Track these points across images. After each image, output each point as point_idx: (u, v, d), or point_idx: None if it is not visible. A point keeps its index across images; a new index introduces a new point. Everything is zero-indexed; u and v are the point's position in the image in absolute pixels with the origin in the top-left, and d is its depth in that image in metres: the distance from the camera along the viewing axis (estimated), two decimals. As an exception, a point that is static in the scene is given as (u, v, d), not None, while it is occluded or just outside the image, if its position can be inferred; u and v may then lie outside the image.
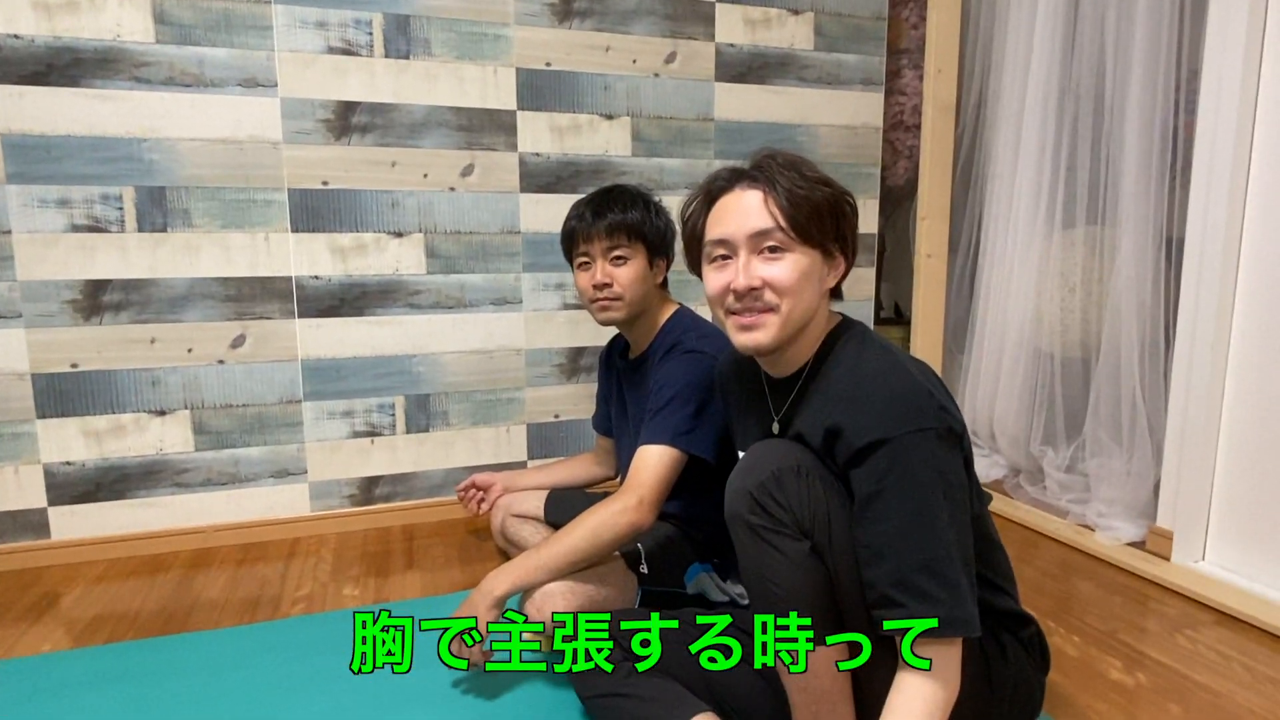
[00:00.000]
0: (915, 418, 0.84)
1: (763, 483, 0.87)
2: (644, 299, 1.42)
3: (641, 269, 1.40)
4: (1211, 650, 1.36)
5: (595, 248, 1.39)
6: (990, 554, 0.96)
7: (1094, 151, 1.94)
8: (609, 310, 1.41)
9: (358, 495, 1.99)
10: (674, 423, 1.29)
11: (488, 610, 1.17)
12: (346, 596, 1.60)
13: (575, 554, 1.22)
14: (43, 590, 1.65)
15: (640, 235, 1.39)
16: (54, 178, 1.68)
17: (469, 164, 1.96)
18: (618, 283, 1.38)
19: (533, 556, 1.22)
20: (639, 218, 1.39)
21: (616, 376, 1.60)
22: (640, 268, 1.40)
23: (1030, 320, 2.07)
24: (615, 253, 1.38)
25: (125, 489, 1.82)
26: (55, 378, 1.74)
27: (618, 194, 1.41)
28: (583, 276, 1.42)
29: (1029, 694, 0.96)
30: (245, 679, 1.27)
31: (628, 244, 1.38)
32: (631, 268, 1.39)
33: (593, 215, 1.39)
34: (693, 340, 1.37)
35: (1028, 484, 2.11)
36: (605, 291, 1.39)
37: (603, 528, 1.22)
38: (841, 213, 0.94)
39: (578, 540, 1.22)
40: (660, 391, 1.33)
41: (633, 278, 1.39)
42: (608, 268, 1.39)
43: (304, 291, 1.88)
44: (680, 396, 1.31)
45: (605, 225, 1.37)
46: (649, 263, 1.41)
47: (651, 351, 1.44)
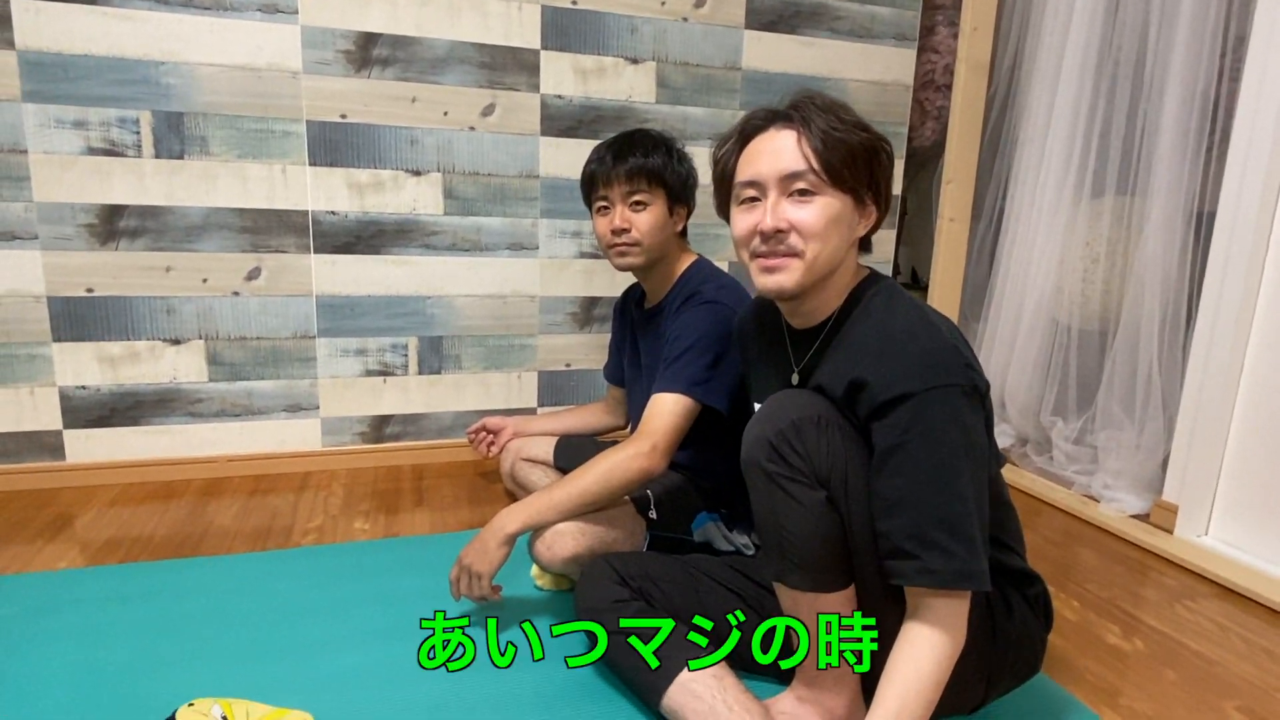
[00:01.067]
0: (943, 374, 0.84)
1: (782, 430, 0.87)
2: (662, 246, 1.40)
3: (661, 215, 1.38)
4: (1210, 621, 1.37)
5: (615, 192, 1.37)
6: (1001, 514, 0.96)
7: (1130, 119, 1.89)
8: (626, 256, 1.39)
9: (368, 433, 2.01)
10: (690, 372, 1.29)
11: (498, 547, 1.18)
12: (357, 530, 1.62)
13: (587, 496, 1.23)
14: (57, 511, 1.67)
15: (661, 181, 1.37)
16: (71, 98, 1.66)
17: (490, 103, 1.92)
18: (636, 228, 1.37)
19: (544, 496, 1.23)
20: (660, 163, 1.36)
21: (631, 325, 1.59)
22: (660, 214, 1.38)
23: (1050, 290, 2.05)
24: (635, 198, 1.36)
25: (139, 415, 1.84)
26: (71, 301, 1.74)
27: (640, 138, 1.38)
28: (601, 221, 1.41)
29: (1031, 650, 0.97)
30: (258, 603, 1.30)
31: (648, 189, 1.36)
32: (651, 213, 1.37)
33: (613, 159, 1.36)
34: (711, 290, 1.36)
35: (1034, 454, 2.12)
36: (623, 237, 1.38)
37: (615, 471, 1.23)
38: (877, 159, 0.92)
39: (590, 483, 1.22)
40: (677, 340, 1.32)
41: (652, 224, 1.37)
42: (627, 213, 1.37)
43: (320, 227, 1.87)
44: (697, 346, 1.30)
45: (625, 169, 1.35)
46: (669, 209, 1.39)
47: (668, 301, 1.43)
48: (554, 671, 1.13)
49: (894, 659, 0.82)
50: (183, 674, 1.10)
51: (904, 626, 0.84)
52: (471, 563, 1.18)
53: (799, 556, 0.88)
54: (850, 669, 0.94)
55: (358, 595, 1.33)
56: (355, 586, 1.36)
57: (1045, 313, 2.07)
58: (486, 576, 1.18)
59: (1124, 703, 1.12)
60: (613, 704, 1.06)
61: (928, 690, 0.80)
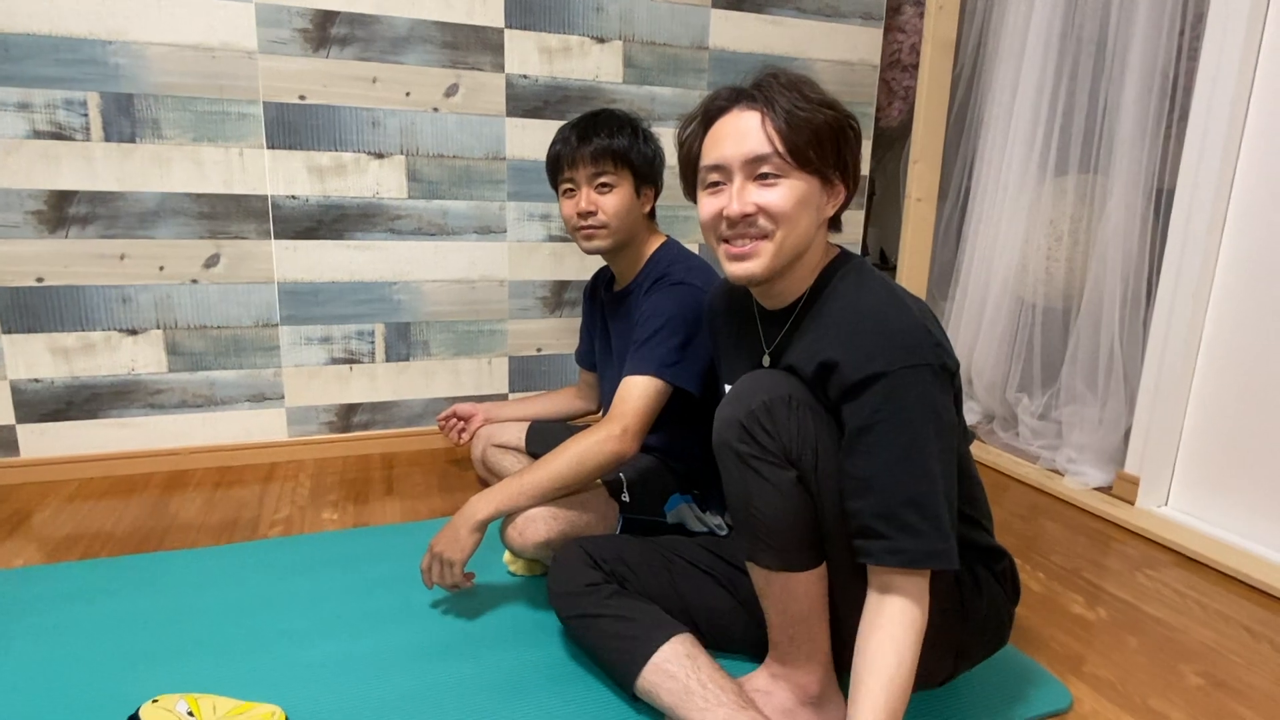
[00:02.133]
0: (912, 353, 0.84)
1: (752, 411, 0.87)
2: (630, 228, 1.39)
3: (628, 197, 1.36)
4: (1169, 588, 1.41)
5: (580, 174, 1.35)
6: (970, 490, 0.97)
7: (1092, 96, 1.92)
8: (594, 239, 1.38)
9: (336, 422, 1.97)
10: (660, 354, 1.28)
11: (469, 534, 1.17)
12: (326, 520, 1.59)
13: (558, 480, 1.22)
14: (13, 508, 1.62)
15: (627, 161, 1.35)
16: (13, 78, 1.59)
17: (453, 84, 1.88)
18: (603, 210, 1.35)
19: (515, 482, 1.22)
20: (626, 143, 1.35)
21: (601, 309, 1.58)
22: (626, 195, 1.36)
23: (1015, 268, 2.08)
24: (600, 179, 1.34)
25: (97, 408, 1.79)
26: (21, 292, 1.68)
27: (605, 118, 1.36)
28: (567, 204, 1.39)
29: (999, 623, 0.99)
30: (224, 597, 1.27)
31: (614, 170, 1.34)
32: (617, 195, 1.35)
33: (578, 140, 1.34)
34: (680, 272, 1.35)
35: (1001, 430, 2.15)
36: (590, 219, 1.36)
37: (587, 455, 1.22)
38: (844, 137, 0.91)
39: (561, 467, 1.22)
40: (647, 322, 1.32)
41: (618, 206, 1.35)
42: (593, 195, 1.35)
43: (280, 211, 1.82)
44: (667, 328, 1.30)
45: (591, 150, 1.33)
46: (635, 191, 1.37)
47: (638, 283, 1.42)
48: (526, 656, 1.13)
49: (869, 642, 0.82)
50: (147, 671, 1.08)
51: (871, 605, 0.84)
52: (443, 550, 1.17)
53: (770, 536, 0.88)
54: (821, 646, 0.95)
55: (327, 586, 1.31)
56: (324, 577, 1.34)
57: (1010, 291, 2.10)
58: (459, 564, 1.17)
59: (1088, 670, 1.15)
60: (587, 687, 1.06)
61: (908, 670, 0.80)
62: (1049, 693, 1.07)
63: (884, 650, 0.81)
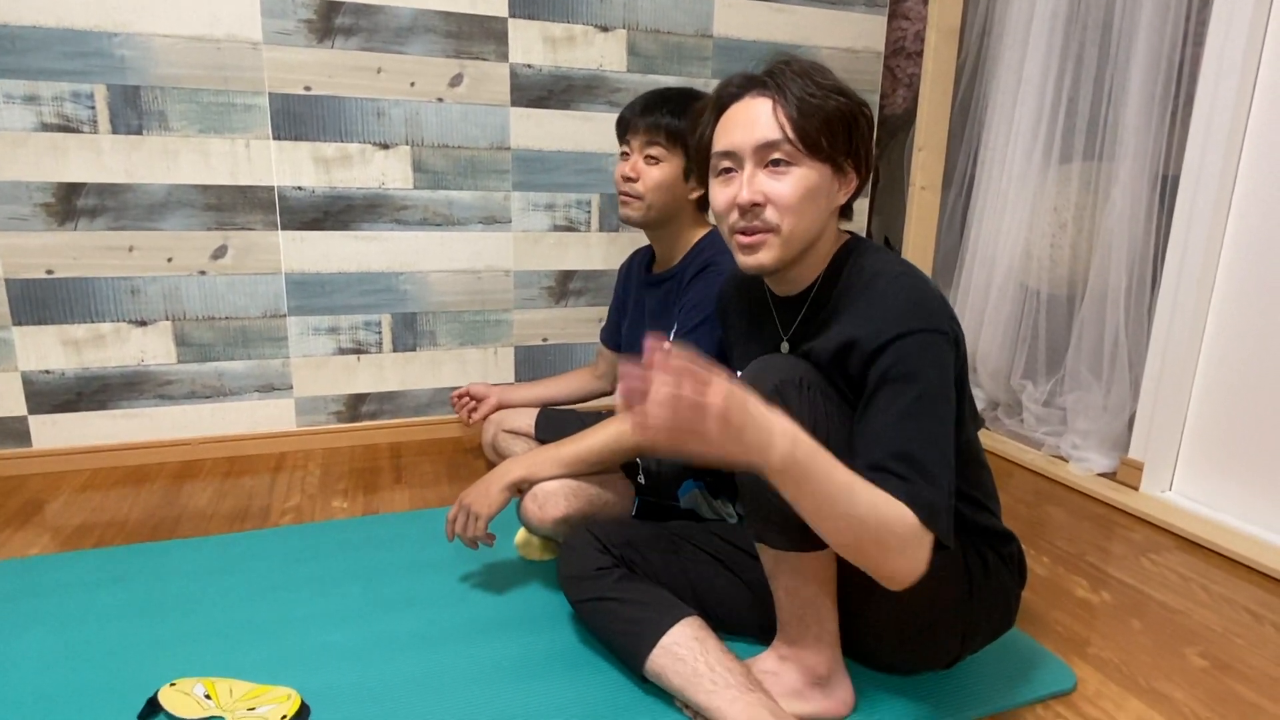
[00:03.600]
0: (928, 319, 0.85)
1: (765, 395, 0.87)
2: (665, 206, 1.39)
3: (672, 174, 1.37)
4: (1173, 572, 1.42)
5: (635, 141, 1.38)
6: (978, 474, 0.98)
7: (1097, 83, 1.91)
8: (627, 206, 1.40)
9: (344, 412, 1.99)
10: (705, 346, 1.29)
11: (500, 491, 1.20)
12: (335, 508, 1.61)
13: (592, 455, 1.24)
14: (26, 497, 1.64)
15: (680, 141, 1.36)
16: (20, 71, 1.60)
17: (458, 73, 1.89)
18: (643, 180, 1.37)
19: (550, 450, 1.24)
20: (685, 126, 1.35)
21: (635, 289, 1.58)
22: (671, 173, 1.37)
23: (1019, 256, 2.08)
24: (650, 150, 1.36)
25: (107, 399, 1.80)
26: (31, 284, 1.70)
27: (674, 96, 1.38)
28: (621, 165, 1.42)
29: (1006, 606, 1.00)
30: (238, 582, 1.29)
31: (665, 145, 1.36)
32: (662, 170, 1.37)
33: (642, 108, 1.37)
34: (727, 262, 1.35)
35: (1005, 416, 2.16)
36: (630, 186, 1.38)
37: (625, 437, 1.23)
38: (856, 125, 0.91)
39: (597, 443, 1.24)
40: (692, 311, 1.33)
41: (659, 181, 1.37)
42: (640, 164, 1.37)
43: (287, 203, 1.83)
44: (711, 320, 1.31)
45: (647, 122, 1.36)
46: (684, 174, 1.38)
47: (681, 269, 1.42)
48: (537, 640, 1.14)
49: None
50: (164, 655, 1.09)
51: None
52: (472, 503, 1.19)
53: (779, 516, 0.89)
54: (829, 628, 0.96)
55: (339, 572, 1.33)
56: (336, 563, 1.36)
57: (1015, 278, 2.10)
58: (484, 519, 1.19)
59: (1092, 652, 1.16)
60: (596, 670, 1.08)
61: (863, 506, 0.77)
62: (1054, 674, 1.09)
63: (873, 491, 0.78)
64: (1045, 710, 1.03)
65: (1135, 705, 1.05)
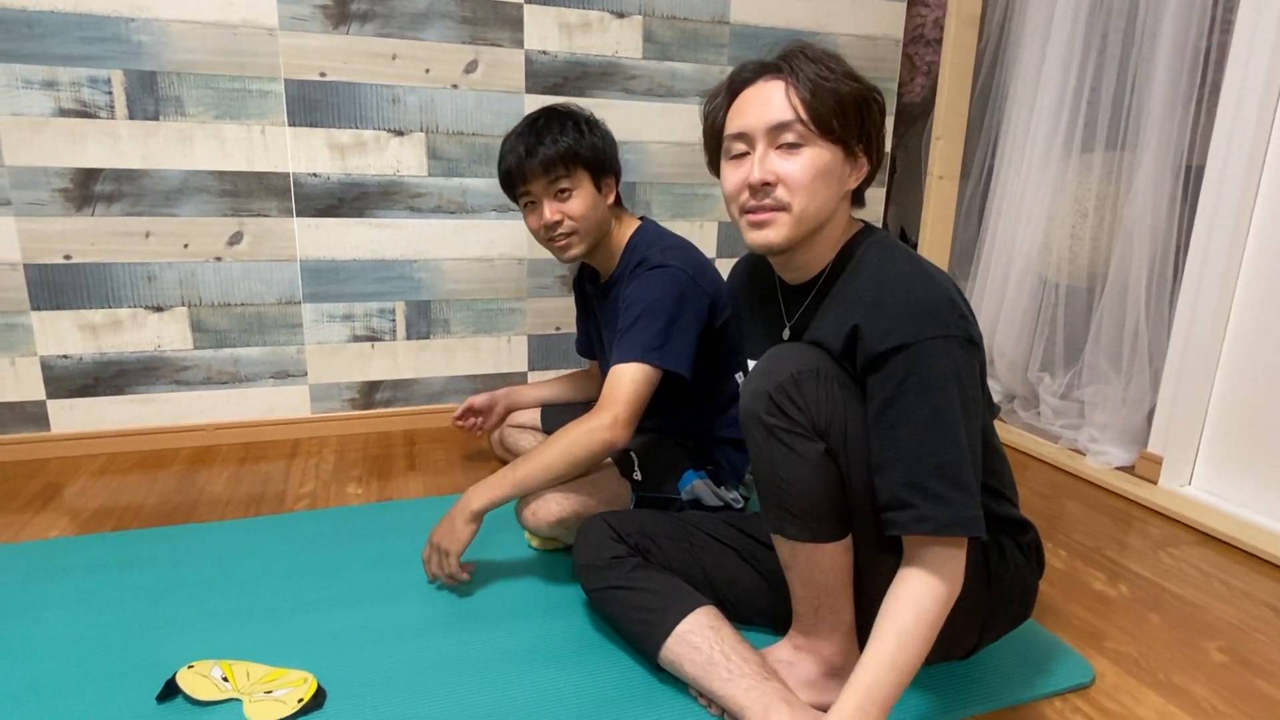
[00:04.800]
0: (937, 324, 0.84)
1: (781, 384, 0.87)
2: (599, 225, 1.36)
3: (590, 196, 1.33)
4: (1192, 567, 1.40)
5: (536, 185, 1.31)
6: (994, 463, 0.97)
7: (1120, 72, 1.88)
8: (569, 248, 1.35)
9: (358, 399, 1.99)
10: (643, 339, 1.26)
11: (464, 525, 1.18)
12: (350, 495, 1.62)
13: (550, 471, 1.20)
14: (45, 481, 1.66)
15: (579, 160, 1.31)
16: (38, 56, 1.60)
17: (473, 60, 1.88)
18: (569, 217, 1.32)
19: (509, 473, 1.21)
20: (572, 142, 1.30)
21: (591, 303, 1.56)
22: (588, 195, 1.33)
23: (1038, 247, 2.05)
24: (558, 186, 1.31)
25: (124, 384, 1.81)
26: (48, 269, 1.71)
27: (545, 122, 1.32)
28: (531, 218, 1.36)
29: (1024, 595, 0.99)
30: (253, 567, 1.30)
31: (568, 174, 1.30)
32: (579, 198, 1.32)
33: (525, 151, 1.30)
34: (658, 255, 1.32)
35: (1022, 409, 2.14)
36: (559, 230, 1.33)
37: (577, 445, 1.20)
38: (868, 109, 0.91)
39: (552, 457, 1.20)
40: (629, 309, 1.29)
41: (583, 208, 1.32)
42: (555, 205, 1.32)
43: (302, 189, 1.83)
44: (648, 313, 1.27)
45: (540, 161, 1.28)
46: (596, 186, 1.34)
47: (620, 273, 1.39)
48: (551, 627, 1.15)
49: (890, 602, 0.83)
50: (181, 637, 1.10)
51: (900, 573, 0.85)
52: (440, 540, 1.19)
53: (797, 507, 0.88)
54: (845, 618, 0.96)
55: (353, 557, 1.33)
56: (351, 549, 1.36)
57: (1033, 270, 2.08)
58: (454, 555, 1.18)
59: (1110, 645, 1.15)
60: (611, 658, 1.08)
61: (925, 630, 0.81)
62: (1071, 667, 1.08)
63: (903, 608, 0.81)
64: (1063, 704, 1.02)
65: (1154, 699, 1.04)
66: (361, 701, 0.98)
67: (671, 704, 0.98)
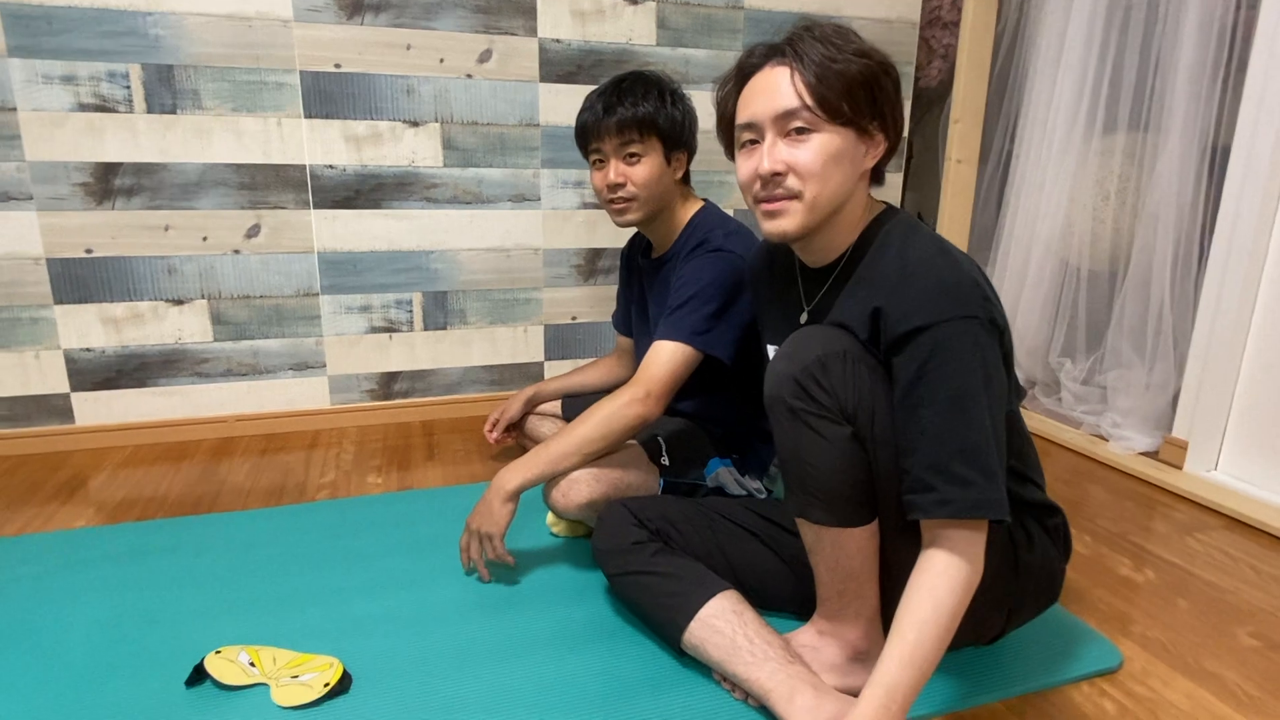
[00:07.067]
0: (960, 305, 0.82)
1: (807, 367, 0.86)
2: (661, 197, 1.36)
3: (657, 166, 1.33)
4: (1220, 552, 1.39)
5: (608, 144, 1.31)
6: (1021, 447, 0.96)
7: (1144, 50, 1.85)
8: (625, 213, 1.35)
9: (377, 390, 2.00)
10: (692, 321, 1.27)
11: (502, 505, 1.18)
12: (371, 484, 1.63)
13: (585, 446, 1.21)
14: (70, 473, 1.68)
15: (655, 128, 1.31)
16: (57, 52, 1.61)
17: (487, 49, 1.87)
18: (632, 182, 1.32)
19: (543, 451, 1.22)
20: (652, 109, 1.30)
21: (639, 276, 1.57)
22: (656, 164, 1.33)
23: (1059, 231, 2.03)
24: (628, 150, 1.31)
25: (146, 377, 1.83)
26: (70, 263, 1.72)
27: (630, 84, 1.32)
28: (597, 175, 1.36)
29: (1051, 580, 0.98)
30: (278, 554, 1.31)
31: (641, 139, 1.30)
32: (646, 165, 1.32)
33: (603, 109, 1.30)
34: (719, 238, 1.33)
35: (1043, 395, 2.12)
36: (620, 192, 1.33)
37: (611, 419, 1.21)
38: (879, 86, 0.88)
39: (587, 432, 1.21)
40: (681, 289, 1.30)
41: (648, 176, 1.32)
42: (621, 167, 1.32)
43: (319, 181, 1.83)
44: (701, 295, 1.28)
45: (616, 121, 1.29)
46: (666, 158, 1.34)
47: (675, 250, 1.40)
48: (573, 613, 1.15)
49: (911, 589, 0.82)
50: (208, 623, 1.11)
51: (921, 557, 0.84)
52: (480, 525, 1.19)
53: (823, 492, 0.88)
54: (870, 603, 0.95)
55: (376, 545, 1.34)
56: (373, 537, 1.37)
57: (1054, 254, 2.05)
58: (497, 537, 1.18)
59: (1137, 630, 1.14)
60: (634, 642, 1.08)
61: (945, 620, 0.80)
62: (1098, 651, 1.07)
63: (921, 599, 0.80)
64: (1090, 688, 1.01)
65: (1184, 684, 1.02)
66: (387, 686, 0.99)
67: (695, 687, 0.98)
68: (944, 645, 0.80)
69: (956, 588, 0.81)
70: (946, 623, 0.80)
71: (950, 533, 0.82)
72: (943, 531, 0.82)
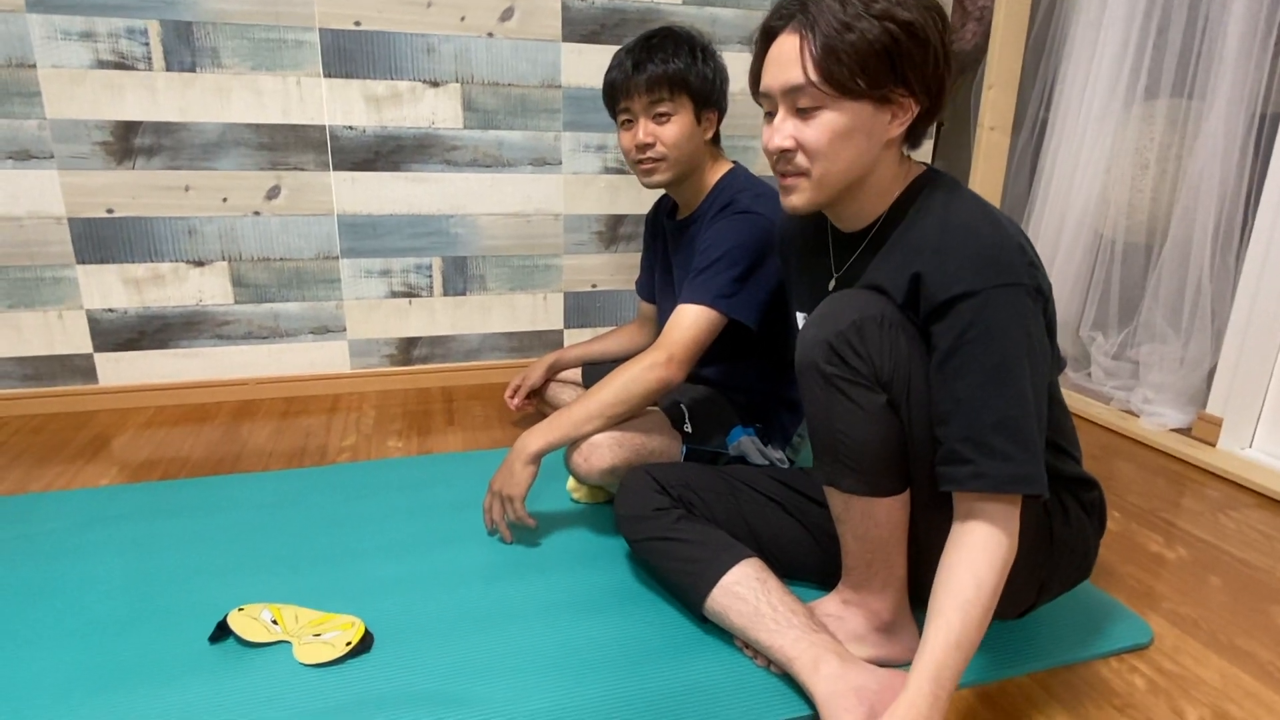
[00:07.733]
0: (1005, 272, 0.79)
1: (842, 331, 0.83)
2: (691, 158, 1.33)
3: (687, 125, 1.30)
4: (1254, 530, 1.36)
5: (637, 103, 1.28)
6: (1059, 419, 0.93)
7: (1191, 11, 1.77)
8: (654, 173, 1.32)
9: (396, 355, 2.00)
10: (717, 284, 1.24)
11: (524, 467, 1.17)
12: (391, 448, 1.62)
13: (607, 409, 1.20)
14: (94, 432, 1.69)
15: (685, 87, 1.27)
16: (75, 7, 1.59)
17: (509, 7, 1.83)
18: (661, 142, 1.29)
19: (565, 414, 1.21)
20: (683, 66, 1.26)
21: (663, 238, 1.54)
22: (686, 124, 1.29)
23: (1095, 201, 1.97)
24: (658, 109, 1.27)
25: (168, 338, 1.83)
26: (92, 223, 1.72)
27: (659, 41, 1.28)
28: (625, 135, 1.33)
29: (1085, 554, 0.95)
30: (299, 515, 1.31)
31: (671, 98, 1.27)
32: (676, 124, 1.28)
33: (633, 66, 1.27)
34: (747, 200, 1.30)
35: (1071, 370, 2.07)
36: (648, 152, 1.30)
37: (633, 383, 1.20)
38: (899, 50, 0.81)
39: (609, 395, 1.20)
40: (707, 251, 1.27)
41: (678, 136, 1.29)
42: (650, 126, 1.28)
43: (338, 142, 1.81)
44: (727, 258, 1.25)
45: (646, 79, 1.25)
46: (696, 117, 1.30)
47: (701, 212, 1.37)
48: (595, 578, 1.14)
49: (950, 566, 0.80)
50: (230, 581, 1.12)
51: (955, 532, 0.81)
52: (501, 487, 1.18)
53: (854, 460, 0.86)
54: (898, 573, 0.93)
55: (397, 507, 1.34)
56: (393, 499, 1.37)
57: (1089, 226, 1.99)
58: (518, 499, 1.17)
59: (1167, 606, 1.12)
60: (655, 608, 1.07)
61: (986, 599, 0.77)
62: (1128, 627, 1.05)
63: (962, 578, 0.78)
64: (1120, 664, 0.99)
65: (1216, 661, 1.00)
66: (408, 646, 0.99)
67: (717, 653, 0.98)
68: (986, 624, 0.78)
69: (996, 564, 0.79)
70: (988, 601, 0.78)
71: (986, 506, 0.80)
72: (978, 505, 0.80)
